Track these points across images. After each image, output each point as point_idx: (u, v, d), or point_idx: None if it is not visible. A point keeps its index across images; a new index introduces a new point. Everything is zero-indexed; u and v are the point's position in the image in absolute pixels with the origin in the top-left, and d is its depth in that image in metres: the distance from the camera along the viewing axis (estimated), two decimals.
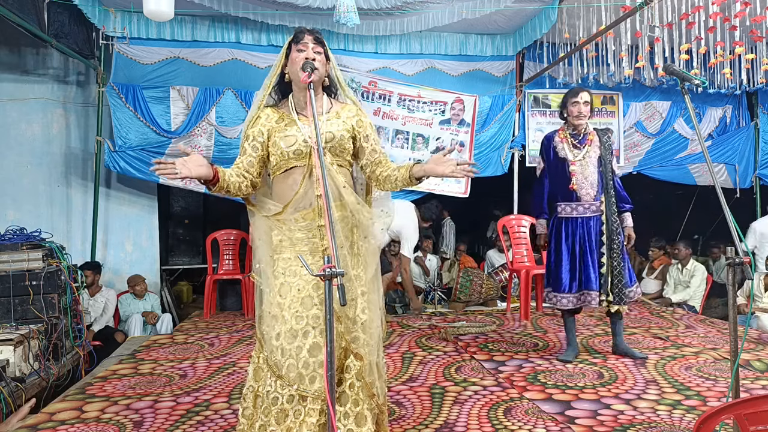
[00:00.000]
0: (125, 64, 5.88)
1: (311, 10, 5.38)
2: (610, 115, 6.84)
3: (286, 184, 2.13)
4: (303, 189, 2.09)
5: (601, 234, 3.76)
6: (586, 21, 5.45)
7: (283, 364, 2.01)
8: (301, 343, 2.01)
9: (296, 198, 2.10)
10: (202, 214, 7.45)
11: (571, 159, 3.77)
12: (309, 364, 2.00)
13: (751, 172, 7.06)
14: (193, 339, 4.78)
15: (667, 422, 2.76)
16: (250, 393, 2.12)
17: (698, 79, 2.19)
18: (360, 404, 2.08)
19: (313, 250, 2.11)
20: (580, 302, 3.76)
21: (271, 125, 2.15)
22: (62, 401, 3.27)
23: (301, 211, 2.10)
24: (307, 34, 2.14)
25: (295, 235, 2.11)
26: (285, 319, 2.03)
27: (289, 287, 2.06)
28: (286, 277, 2.08)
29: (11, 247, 4.19)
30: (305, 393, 1.99)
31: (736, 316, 1.92)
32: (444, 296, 6.54)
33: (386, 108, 6.32)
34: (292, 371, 2.00)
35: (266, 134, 2.15)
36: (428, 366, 3.81)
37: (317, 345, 2.02)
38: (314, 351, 2.01)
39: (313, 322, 2.03)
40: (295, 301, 2.04)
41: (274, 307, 2.07)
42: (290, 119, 2.15)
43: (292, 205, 2.10)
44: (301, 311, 2.03)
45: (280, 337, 2.03)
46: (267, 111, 2.19)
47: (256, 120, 2.18)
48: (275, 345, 2.03)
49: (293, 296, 2.05)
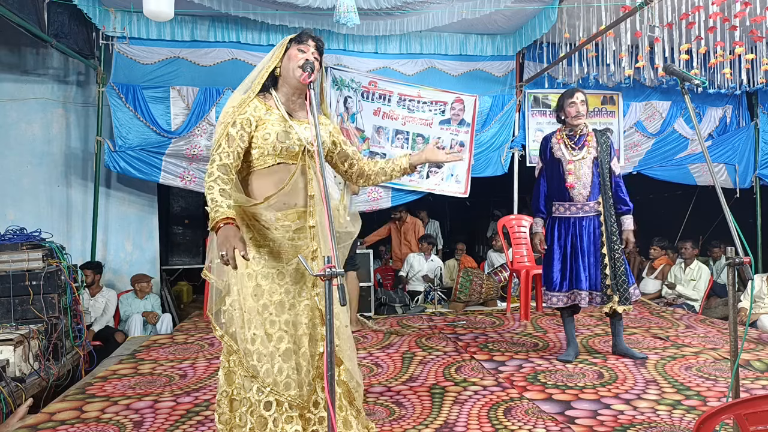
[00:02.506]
0: (125, 64, 5.88)
1: (311, 10, 5.38)
2: (610, 115, 6.84)
3: (270, 180, 2.07)
4: (289, 188, 2.06)
5: (600, 235, 3.76)
6: (586, 21, 5.45)
7: (259, 369, 1.98)
8: (275, 348, 1.99)
9: (279, 195, 2.05)
10: (202, 214, 7.43)
11: (567, 159, 3.79)
12: (283, 370, 1.98)
13: (751, 172, 7.06)
14: (193, 339, 4.78)
15: (667, 422, 2.76)
16: (225, 398, 2.10)
17: (698, 79, 2.20)
18: (345, 409, 2.09)
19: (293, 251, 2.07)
20: (571, 301, 3.78)
21: (259, 116, 2.07)
22: (62, 401, 3.27)
23: (282, 211, 2.07)
24: (311, 39, 2.14)
25: (271, 234, 2.06)
26: (258, 324, 2.00)
27: (262, 291, 2.03)
28: (258, 280, 2.03)
29: (11, 247, 4.19)
30: (280, 398, 1.97)
31: (736, 316, 1.92)
32: (444, 296, 6.54)
33: (386, 108, 6.32)
34: (269, 377, 1.97)
35: (254, 125, 2.06)
36: (428, 366, 3.81)
37: (290, 351, 2.00)
38: (286, 356, 1.99)
39: (286, 327, 2.01)
40: (268, 306, 2.02)
41: (247, 311, 2.02)
42: (279, 115, 2.10)
43: (273, 199, 2.05)
44: (274, 316, 2.01)
45: (256, 342, 1.99)
46: (255, 102, 2.10)
47: (241, 108, 2.06)
48: (251, 349, 1.99)
49: (266, 300, 2.02)
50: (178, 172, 5.91)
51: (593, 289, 3.75)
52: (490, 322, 5.26)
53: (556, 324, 4.97)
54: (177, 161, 5.89)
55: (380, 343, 4.50)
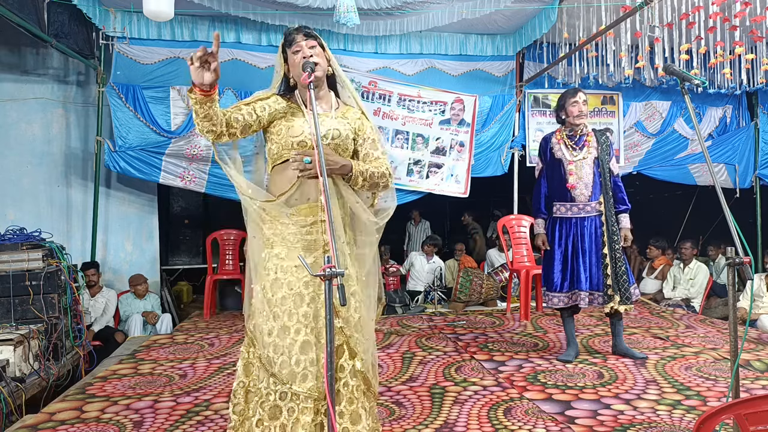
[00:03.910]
0: (125, 64, 5.87)
1: (311, 10, 5.38)
2: (610, 115, 6.83)
3: (284, 175, 2.09)
4: (300, 181, 2.06)
5: (601, 235, 3.77)
6: (586, 21, 5.45)
7: (276, 361, 2.01)
8: (292, 341, 2.01)
9: (291, 190, 2.07)
10: (202, 214, 7.45)
11: (567, 159, 3.79)
12: (300, 362, 2.00)
13: (751, 172, 7.05)
14: (193, 339, 4.78)
15: (667, 422, 2.76)
16: (241, 389, 2.11)
17: (698, 79, 2.19)
18: (355, 402, 2.08)
19: (309, 247, 2.09)
20: (572, 301, 3.79)
21: (278, 109, 2.12)
22: (62, 401, 3.27)
23: (295, 206, 2.08)
24: (296, 33, 2.13)
25: (288, 230, 2.09)
26: (277, 316, 2.03)
27: (280, 284, 2.05)
28: (277, 274, 2.07)
29: (11, 247, 4.19)
30: (297, 391, 1.99)
31: (736, 316, 1.92)
32: (444, 296, 6.54)
33: (386, 108, 6.32)
34: (285, 368, 2.00)
35: (268, 114, 2.09)
36: (428, 366, 3.81)
37: (308, 343, 2.01)
38: (305, 349, 2.01)
39: (304, 320, 2.03)
40: (287, 298, 2.04)
41: (266, 304, 2.06)
42: (299, 111, 2.14)
43: (285, 197, 2.07)
44: (292, 308, 2.03)
45: (273, 334, 2.02)
46: (277, 97, 2.17)
47: (264, 97, 2.13)
48: (267, 341, 2.03)
49: (285, 293, 2.04)
50: (178, 172, 5.91)
51: (594, 290, 3.75)
52: (490, 322, 5.26)
53: (556, 324, 4.97)
54: (177, 161, 5.89)
55: (380, 343, 4.50)
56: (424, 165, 6.44)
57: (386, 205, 2.31)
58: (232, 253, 6.29)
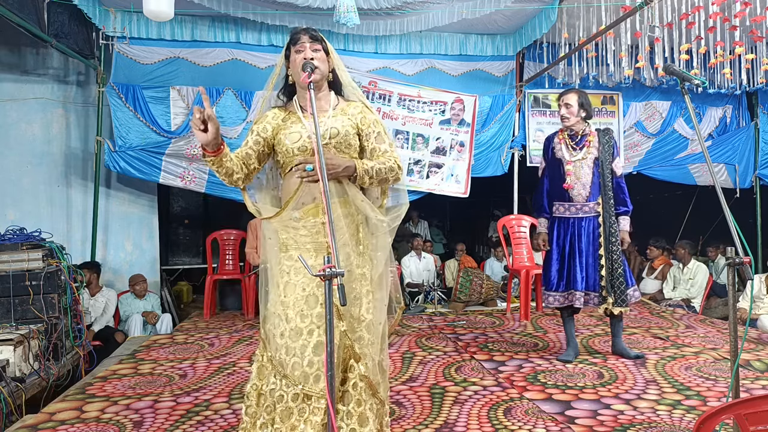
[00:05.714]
0: (125, 64, 5.88)
1: (311, 10, 5.38)
2: (610, 115, 6.83)
3: (291, 181, 2.12)
4: (304, 184, 2.07)
5: (598, 236, 3.76)
6: (586, 21, 5.45)
7: (287, 362, 2.01)
8: (305, 342, 2.01)
9: (297, 195, 2.09)
10: (202, 214, 7.45)
11: (566, 159, 3.79)
12: (313, 363, 2.00)
13: (751, 172, 7.06)
14: (193, 339, 4.78)
15: (667, 422, 2.76)
16: (254, 391, 2.12)
17: (698, 79, 2.19)
18: (363, 404, 2.07)
19: (318, 248, 2.10)
20: (567, 301, 3.79)
21: (278, 123, 2.16)
22: (62, 401, 3.27)
23: (302, 208, 2.09)
24: (303, 33, 2.14)
25: (300, 233, 2.10)
26: (289, 318, 2.03)
27: (293, 286, 2.06)
28: (291, 276, 2.08)
29: (11, 247, 4.19)
30: (310, 392, 1.99)
31: (736, 316, 1.92)
32: (444, 296, 6.54)
33: (386, 108, 6.32)
34: (297, 369, 2.00)
35: (271, 131, 2.16)
36: (428, 366, 3.81)
37: (321, 344, 2.01)
38: (318, 350, 2.01)
39: (318, 321, 2.03)
40: (300, 300, 2.04)
41: (279, 306, 2.07)
42: (296, 117, 2.16)
43: (292, 203, 2.09)
44: (305, 310, 2.03)
45: (285, 336, 2.03)
46: (275, 110, 2.21)
47: (263, 117, 2.21)
48: (279, 343, 2.03)
49: (297, 295, 2.05)
50: (178, 172, 5.91)
51: (589, 290, 3.75)
52: (490, 322, 5.26)
53: (556, 324, 4.97)
54: (177, 161, 5.89)
55: None
56: (425, 165, 6.44)
57: (396, 203, 2.29)
58: (232, 253, 6.29)
